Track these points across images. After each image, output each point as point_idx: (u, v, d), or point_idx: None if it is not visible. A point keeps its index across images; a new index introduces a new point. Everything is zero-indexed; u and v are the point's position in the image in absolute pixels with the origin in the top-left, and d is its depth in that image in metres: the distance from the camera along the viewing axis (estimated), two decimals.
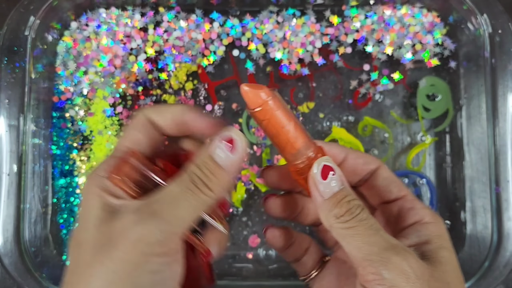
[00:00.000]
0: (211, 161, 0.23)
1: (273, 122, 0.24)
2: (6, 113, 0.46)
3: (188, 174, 0.23)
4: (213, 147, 0.23)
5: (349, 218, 0.24)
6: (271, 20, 0.49)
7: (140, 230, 0.22)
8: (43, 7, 0.47)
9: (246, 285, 0.48)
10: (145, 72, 0.49)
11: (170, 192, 0.23)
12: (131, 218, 0.22)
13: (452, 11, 0.49)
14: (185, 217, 0.23)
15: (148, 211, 0.22)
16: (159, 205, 0.22)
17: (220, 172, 0.23)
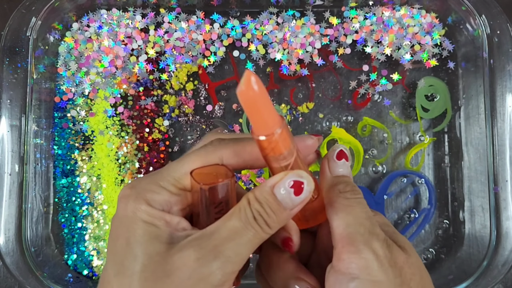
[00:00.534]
0: (273, 199, 0.23)
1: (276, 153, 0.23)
2: (8, 113, 0.46)
3: (251, 209, 0.23)
4: (279, 184, 0.23)
5: (350, 196, 0.25)
6: (271, 21, 0.50)
7: (203, 270, 0.22)
8: (45, 8, 0.47)
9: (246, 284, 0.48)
10: (146, 72, 0.50)
11: (232, 228, 0.22)
12: (192, 255, 0.22)
13: (450, 12, 0.49)
14: (245, 254, 0.23)
15: (209, 247, 0.22)
16: (221, 242, 0.22)
17: (281, 211, 0.23)
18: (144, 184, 0.24)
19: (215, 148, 0.25)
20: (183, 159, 0.25)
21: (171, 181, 0.24)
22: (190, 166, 0.24)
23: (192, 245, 0.22)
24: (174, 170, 0.24)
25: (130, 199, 0.23)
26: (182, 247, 0.22)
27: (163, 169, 0.25)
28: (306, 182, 0.23)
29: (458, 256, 0.49)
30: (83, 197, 0.50)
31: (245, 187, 0.49)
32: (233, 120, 0.51)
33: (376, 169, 0.50)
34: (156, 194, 0.24)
